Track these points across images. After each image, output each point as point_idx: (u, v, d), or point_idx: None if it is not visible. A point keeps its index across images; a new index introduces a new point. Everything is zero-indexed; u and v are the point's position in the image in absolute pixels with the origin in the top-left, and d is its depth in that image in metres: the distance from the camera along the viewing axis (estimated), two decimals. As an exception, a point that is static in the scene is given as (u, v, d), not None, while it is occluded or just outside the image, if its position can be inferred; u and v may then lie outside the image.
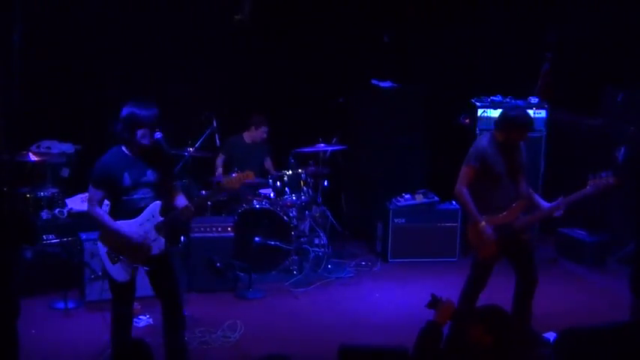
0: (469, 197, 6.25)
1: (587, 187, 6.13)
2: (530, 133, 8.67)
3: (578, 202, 6.20)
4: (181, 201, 5.79)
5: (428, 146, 9.65)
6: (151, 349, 4.23)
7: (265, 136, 9.10)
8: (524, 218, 6.34)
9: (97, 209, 5.61)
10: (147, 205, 5.64)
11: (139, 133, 5.53)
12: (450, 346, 4.52)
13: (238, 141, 9.11)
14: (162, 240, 5.68)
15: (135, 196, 5.62)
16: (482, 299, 6.53)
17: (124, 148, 5.64)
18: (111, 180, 5.56)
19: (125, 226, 5.60)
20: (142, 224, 5.63)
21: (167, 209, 5.73)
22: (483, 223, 6.19)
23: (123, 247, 5.62)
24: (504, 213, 6.24)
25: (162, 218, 5.66)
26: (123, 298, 5.78)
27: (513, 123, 6.26)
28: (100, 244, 5.71)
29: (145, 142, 5.55)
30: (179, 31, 9.22)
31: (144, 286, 5.97)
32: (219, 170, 8.95)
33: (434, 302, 4.70)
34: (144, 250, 5.64)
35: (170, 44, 9.20)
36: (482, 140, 6.38)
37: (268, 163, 9.19)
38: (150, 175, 5.64)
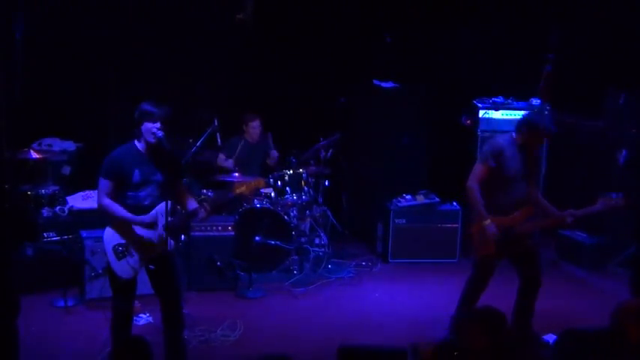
0: (479, 195, 6.23)
1: (597, 205, 6.17)
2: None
3: (586, 216, 6.23)
4: (192, 204, 5.82)
5: (429, 147, 9.65)
6: (149, 346, 4.24)
7: (259, 129, 9.08)
8: (528, 224, 6.32)
9: (107, 200, 5.61)
10: (151, 204, 5.64)
11: (146, 127, 5.55)
12: (449, 347, 4.53)
13: (240, 142, 9.11)
14: (169, 240, 5.68)
15: (141, 193, 5.62)
16: (482, 300, 6.55)
17: (136, 144, 5.66)
18: (121, 173, 5.58)
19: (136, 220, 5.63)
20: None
21: (175, 210, 5.74)
22: (488, 221, 6.18)
23: (134, 240, 5.63)
24: (510, 216, 6.22)
25: (170, 218, 5.66)
26: (124, 295, 5.77)
27: (537, 129, 6.24)
28: (106, 238, 5.70)
29: (149, 138, 5.57)
30: (181, 30, 9.22)
31: (144, 284, 5.97)
32: (226, 165, 8.92)
33: None
34: (154, 244, 5.65)
35: (172, 43, 9.20)
36: (500, 140, 6.35)
37: (274, 154, 9.14)
38: (159, 175, 5.66)
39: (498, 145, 6.27)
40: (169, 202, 5.60)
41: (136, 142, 5.67)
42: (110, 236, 5.70)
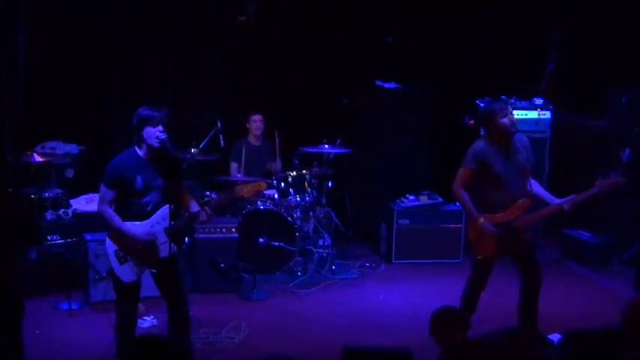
0: (467, 197, 6.28)
1: (595, 187, 6.17)
2: (535, 134, 8.74)
3: (586, 201, 6.22)
4: (194, 206, 5.81)
5: (432, 147, 9.66)
6: (164, 342, 4.21)
7: (261, 124, 9.07)
8: (526, 217, 6.32)
9: (108, 210, 5.62)
10: (154, 209, 5.65)
11: (148, 132, 5.55)
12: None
13: (244, 144, 9.10)
14: (171, 243, 5.69)
15: (144, 200, 5.63)
16: (485, 299, 6.55)
17: (137, 150, 5.65)
18: (123, 181, 5.58)
19: (134, 228, 5.62)
20: (153, 226, 5.64)
21: (177, 213, 5.74)
22: (482, 219, 6.20)
23: (131, 249, 5.64)
24: (504, 212, 6.23)
25: (172, 222, 5.66)
26: (127, 298, 5.79)
27: (490, 113, 6.26)
28: (107, 243, 5.72)
29: (153, 142, 5.57)
30: (183, 32, 9.23)
31: (148, 286, 5.97)
32: (238, 175, 8.88)
33: None
34: (152, 253, 5.65)
35: (174, 45, 9.21)
36: (479, 142, 6.39)
37: (277, 166, 9.13)
38: (161, 180, 5.66)
39: (477, 147, 6.31)
40: (171, 206, 5.61)
41: (136, 148, 5.66)
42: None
